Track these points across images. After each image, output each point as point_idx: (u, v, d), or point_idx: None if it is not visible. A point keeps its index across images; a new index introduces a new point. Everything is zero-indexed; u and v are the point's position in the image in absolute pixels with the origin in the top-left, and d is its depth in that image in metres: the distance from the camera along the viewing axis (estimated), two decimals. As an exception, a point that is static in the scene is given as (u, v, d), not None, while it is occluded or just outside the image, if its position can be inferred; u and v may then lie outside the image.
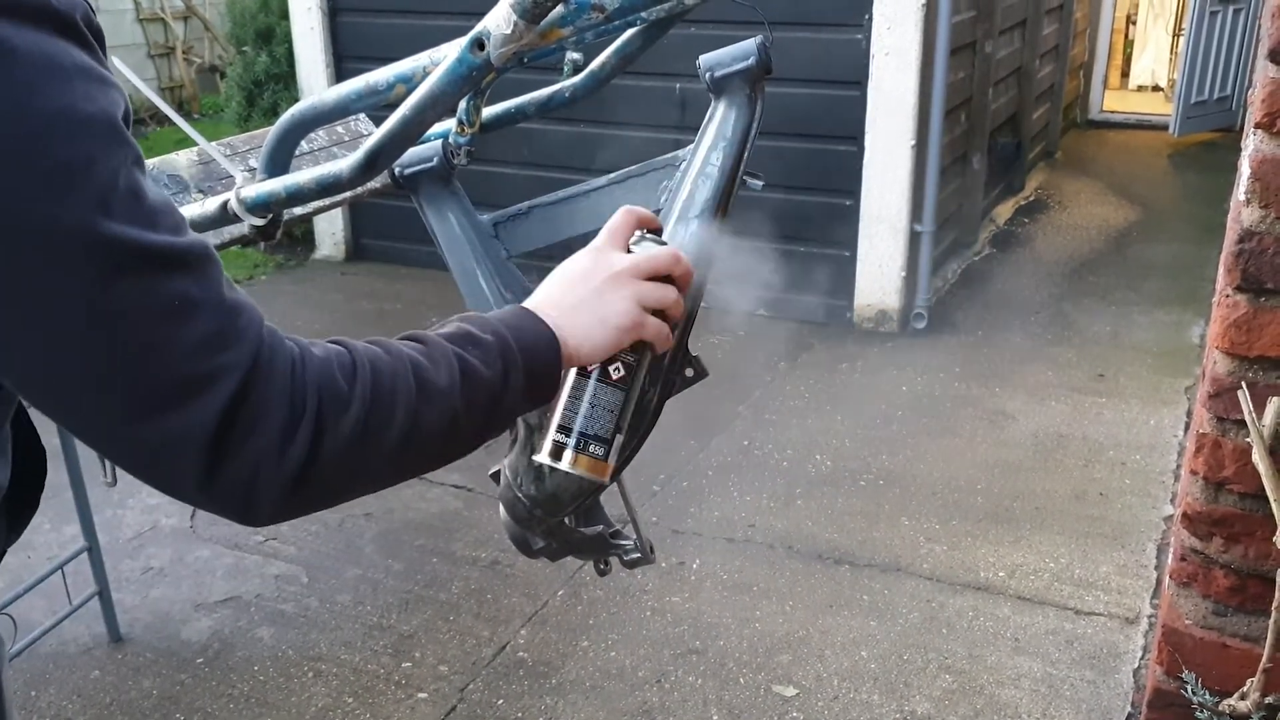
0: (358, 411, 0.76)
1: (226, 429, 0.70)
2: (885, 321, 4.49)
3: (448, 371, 0.83)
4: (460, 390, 0.83)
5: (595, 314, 0.93)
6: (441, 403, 0.82)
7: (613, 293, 0.94)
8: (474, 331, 0.87)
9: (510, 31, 0.92)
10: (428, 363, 0.82)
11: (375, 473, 0.80)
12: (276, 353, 0.74)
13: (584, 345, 0.92)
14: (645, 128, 4.55)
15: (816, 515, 3.15)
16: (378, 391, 0.78)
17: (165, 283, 0.67)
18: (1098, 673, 2.48)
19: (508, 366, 0.86)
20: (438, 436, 0.82)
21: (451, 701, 2.44)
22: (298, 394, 0.74)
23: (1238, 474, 1.29)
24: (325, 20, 5.22)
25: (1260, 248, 1.20)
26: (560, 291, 0.94)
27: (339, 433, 0.75)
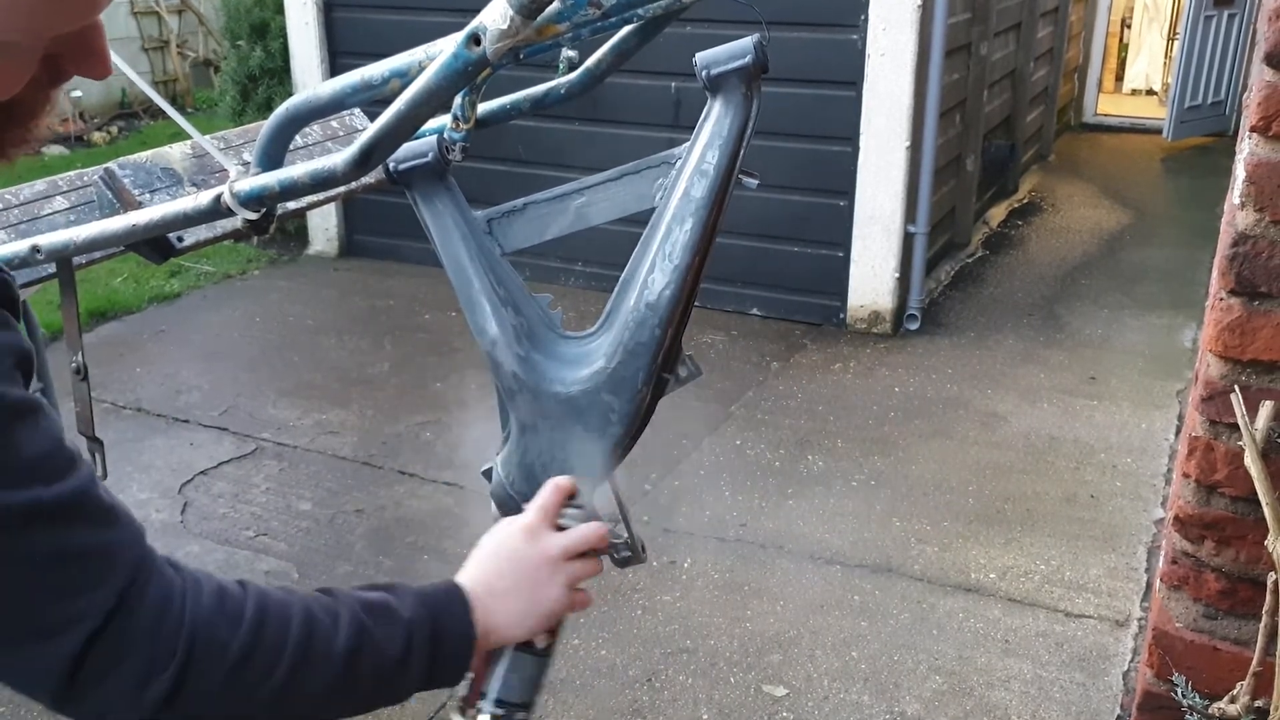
0: (233, 664, 0.77)
1: (79, 669, 0.72)
2: (878, 322, 4.49)
3: (345, 638, 0.83)
4: (352, 661, 0.83)
5: (528, 601, 0.96)
6: (327, 667, 0.82)
7: (547, 580, 0.98)
8: (392, 606, 0.88)
9: (506, 27, 0.91)
10: (327, 621, 0.83)
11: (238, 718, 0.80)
12: (148, 591, 0.75)
13: (511, 630, 0.96)
14: (640, 126, 4.55)
15: (808, 515, 3.15)
16: (260, 646, 0.78)
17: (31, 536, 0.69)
18: (1087, 675, 2.49)
19: (409, 652, 0.87)
20: (312, 699, 0.83)
21: (442, 699, 2.44)
22: (165, 639, 0.74)
23: (1230, 477, 1.29)
24: (320, 15, 5.21)
25: (1254, 252, 1.21)
26: (494, 574, 0.96)
27: (204, 684, 0.76)
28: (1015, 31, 5.98)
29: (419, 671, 0.89)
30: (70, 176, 1.89)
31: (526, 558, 0.98)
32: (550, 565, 0.98)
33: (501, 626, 0.95)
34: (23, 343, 0.71)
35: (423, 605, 0.90)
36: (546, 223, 1.22)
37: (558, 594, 0.98)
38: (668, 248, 1.11)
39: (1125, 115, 8.68)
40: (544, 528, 1.01)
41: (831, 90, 4.33)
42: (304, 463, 3.47)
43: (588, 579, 1.01)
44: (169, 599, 0.75)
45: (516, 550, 0.98)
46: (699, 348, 4.30)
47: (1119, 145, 8.01)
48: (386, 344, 4.38)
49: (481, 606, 0.93)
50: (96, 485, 0.74)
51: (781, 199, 4.43)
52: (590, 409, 1.15)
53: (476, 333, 1.21)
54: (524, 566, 0.97)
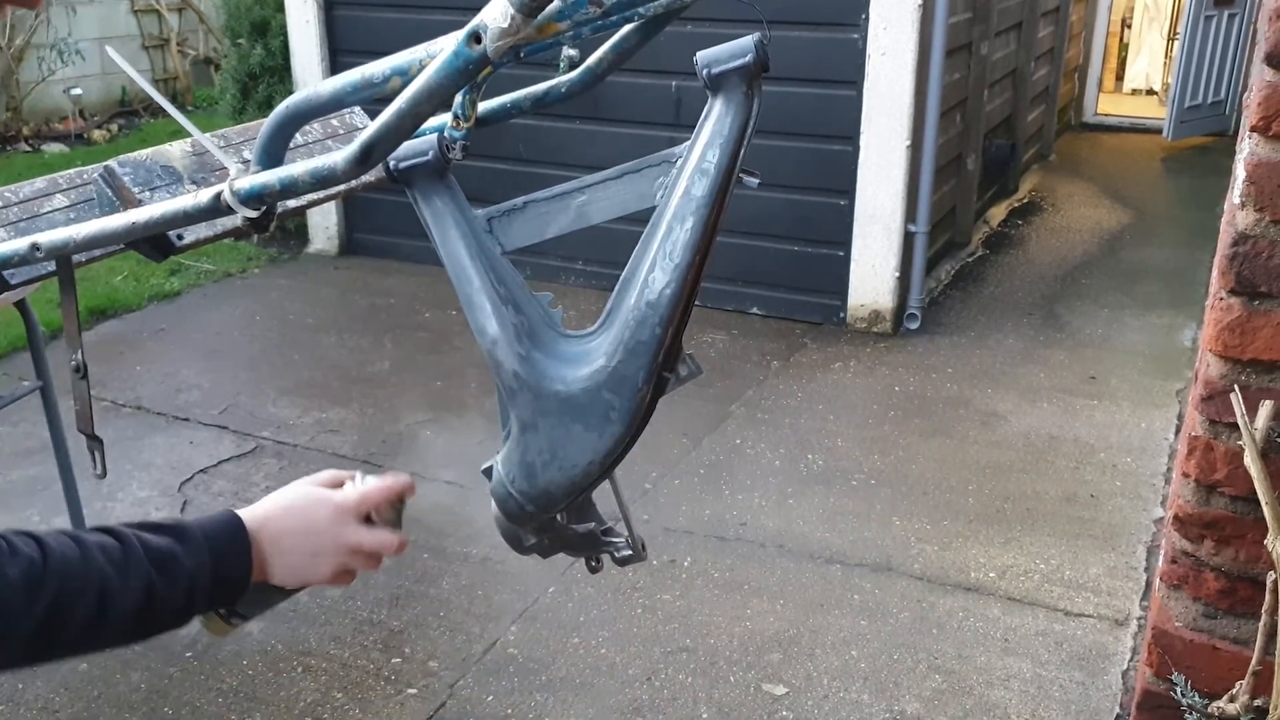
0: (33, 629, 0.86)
1: None
2: (878, 321, 4.49)
3: (135, 597, 0.92)
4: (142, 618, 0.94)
5: (300, 566, 1.03)
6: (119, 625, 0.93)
7: (327, 559, 1.04)
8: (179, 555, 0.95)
9: (507, 25, 0.91)
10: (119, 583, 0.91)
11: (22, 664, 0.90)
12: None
13: (275, 578, 1.03)
14: (641, 124, 4.55)
15: (808, 514, 3.15)
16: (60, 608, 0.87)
17: None
18: (1087, 674, 2.49)
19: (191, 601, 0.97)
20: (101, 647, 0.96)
21: (441, 698, 2.44)
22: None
23: (1229, 477, 1.29)
24: (321, 14, 5.21)
25: (1254, 251, 1.20)
26: (288, 531, 1.02)
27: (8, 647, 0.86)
28: (1016, 31, 5.98)
29: (196, 611, 0.99)
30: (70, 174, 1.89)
31: (324, 534, 1.04)
32: (338, 550, 1.04)
33: (269, 573, 1.02)
34: None
35: (208, 552, 0.97)
36: (547, 221, 1.22)
37: (329, 571, 1.05)
38: (668, 246, 1.11)
39: (1125, 115, 8.68)
40: (354, 516, 1.06)
41: (832, 89, 4.33)
42: (304, 461, 3.47)
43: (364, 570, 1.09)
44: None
45: (319, 523, 1.04)
46: (699, 347, 4.30)
47: (1119, 145, 8.01)
48: (386, 342, 4.38)
49: (260, 553, 1.00)
50: None
51: (782, 198, 4.43)
52: (591, 407, 1.15)
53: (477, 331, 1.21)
54: (317, 540, 1.03)
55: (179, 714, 2.39)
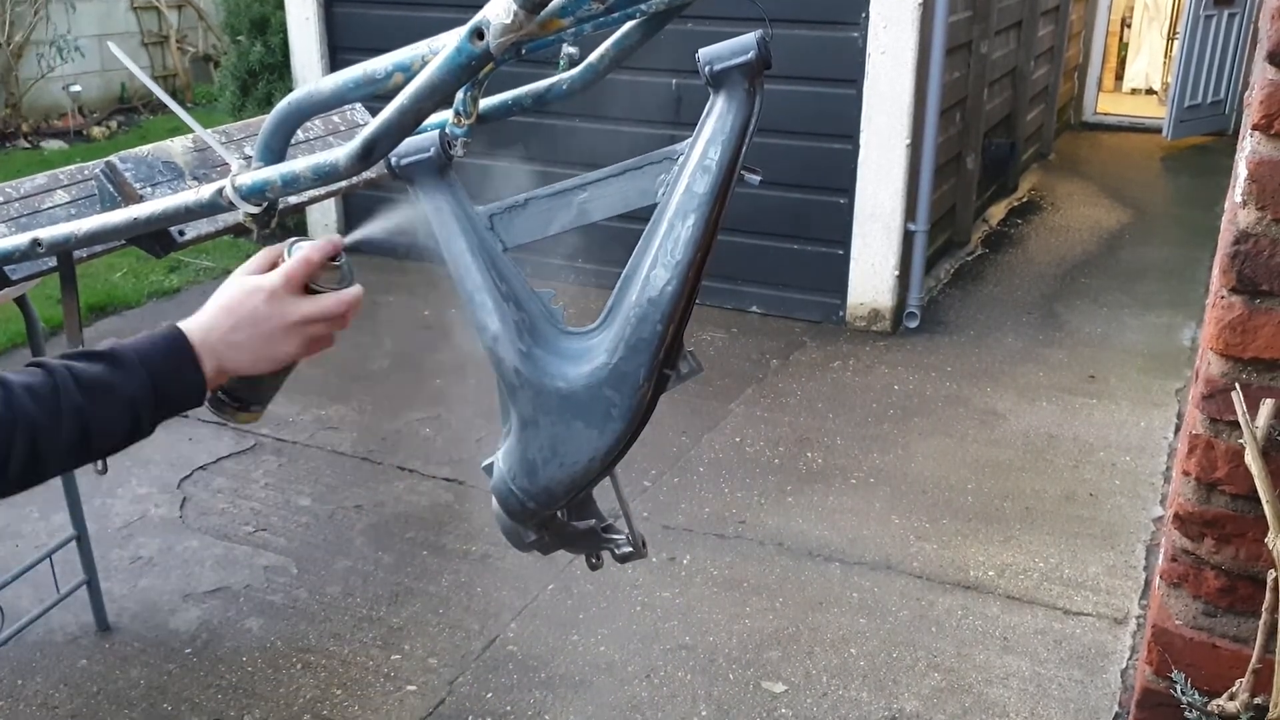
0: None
1: None
2: (878, 320, 4.49)
3: (69, 430, 0.94)
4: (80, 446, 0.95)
5: (260, 354, 1.04)
6: (57, 457, 0.94)
7: (282, 339, 1.05)
8: (114, 383, 0.96)
9: (510, 21, 0.91)
10: (48, 422, 0.93)
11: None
12: None
13: (243, 371, 1.05)
14: (641, 122, 4.54)
15: (807, 512, 3.15)
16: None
17: None
18: (1086, 672, 2.49)
19: (137, 420, 0.98)
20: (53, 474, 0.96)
21: (440, 694, 2.44)
22: None
23: (1230, 475, 1.29)
24: (320, 10, 5.20)
25: (1256, 250, 1.21)
26: (229, 328, 1.03)
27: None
28: (1016, 30, 5.98)
29: (152, 425, 1.00)
30: (71, 170, 1.89)
31: (264, 319, 1.04)
32: (287, 328, 1.05)
33: (233, 369, 1.03)
34: None
35: (146, 373, 0.98)
36: (548, 218, 1.21)
37: (295, 348, 1.06)
38: (670, 244, 1.11)
39: (1125, 114, 8.68)
40: (287, 293, 1.05)
41: (832, 88, 4.33)
42: (303, 458, 3.47)
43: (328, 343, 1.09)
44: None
45: (256, 311, 1.04)
46: (699, 345, 4.31)
47: (1119, 144, 8.02)
48: (386, 339, 4.38)
49: (212, 354, 1.02)
50: None
51: (782, 196, 4.43)
52: (592, 404, 1.15)
53: (478, 328, 1.21)
54: (261, 327, 1.04)
55: (178, 710, 2.39)
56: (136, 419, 0.98)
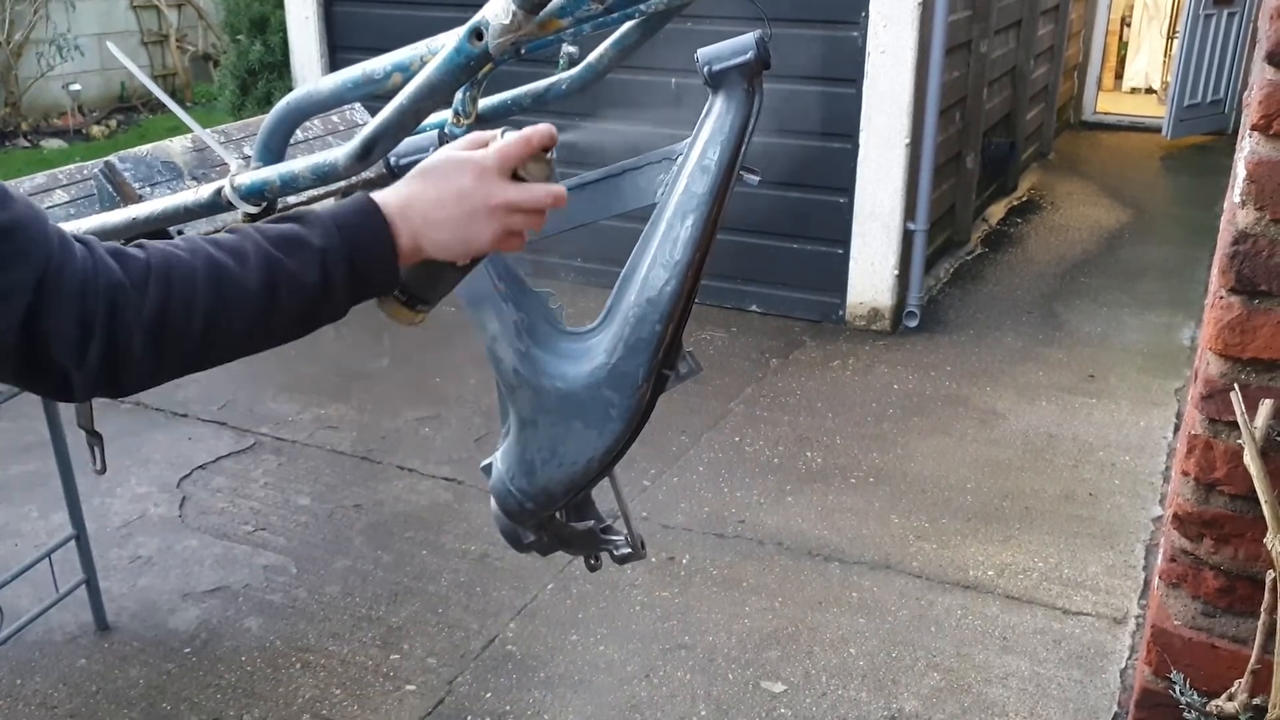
0: (151, 318, 0.83)
1: (27, 342, 0.79)
2: (877, 319, 4.49)
3: (258, 276, 0.87)
4: (268, 296, 0.88)
5: (458, 235, 0.97)
6: (245, 305, 0.87)
7: (483, 222, 0.97)
8: (303, 236, 0.90)
9: (509, 21, 0.91)
10: (235, 265, 0.87)
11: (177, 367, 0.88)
12: (66, 266, 0.80)
13: (435, 254, 0.97)
14: (639, 122, 4.54)
15: (807, 512, 3.15)
16: (172, 295, 0.84)
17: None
18: (1085, 672, 2.49)
19: (328, 278, 0.91)
20: (241, 335, 0.89)
21: (439, 694, 2.44)
22: (88, 307, 0.80)
23: (1229, 476, 1.29)
24: (320, 10, 5.20)
25: (1255, 250, 1.21)
26: (433, 203, 0.96)
27: (132, 341, 0.83)
28: (1015, 29, 5.98)
29: (343, 292, 0.93)
30: (70, 170, 1.89)
31: (469, 195, 0.97)
32: (490, 211, 0.98)
33: (427, 249, 0.96)
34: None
35: (337, 231, 0.92)
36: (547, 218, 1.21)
37: (490, 236, 0.98)
38: (669, 244, 1.11)
39: (1124, 113, 8.68)
40: (496, 173, 0.99)
41: (832, 87, 4.33)
42: (302, 457, 3.47)
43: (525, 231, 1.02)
44: (84, 272, 0.81)
45: (462, 187, 0.97)
46: (698, 344, 4.31)
47: (1118, 143, 8.02)
48: (385, 339, 4.38)
49: (409, 229, 0.95)
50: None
51: (781, 196, 4.42)
52: (591, 404, 1.15)
53: (477, 328, 1.21)
54: (464, 205, 0.97)
55: (177, 709, 2.39)
56: (326, 275, 0.90)
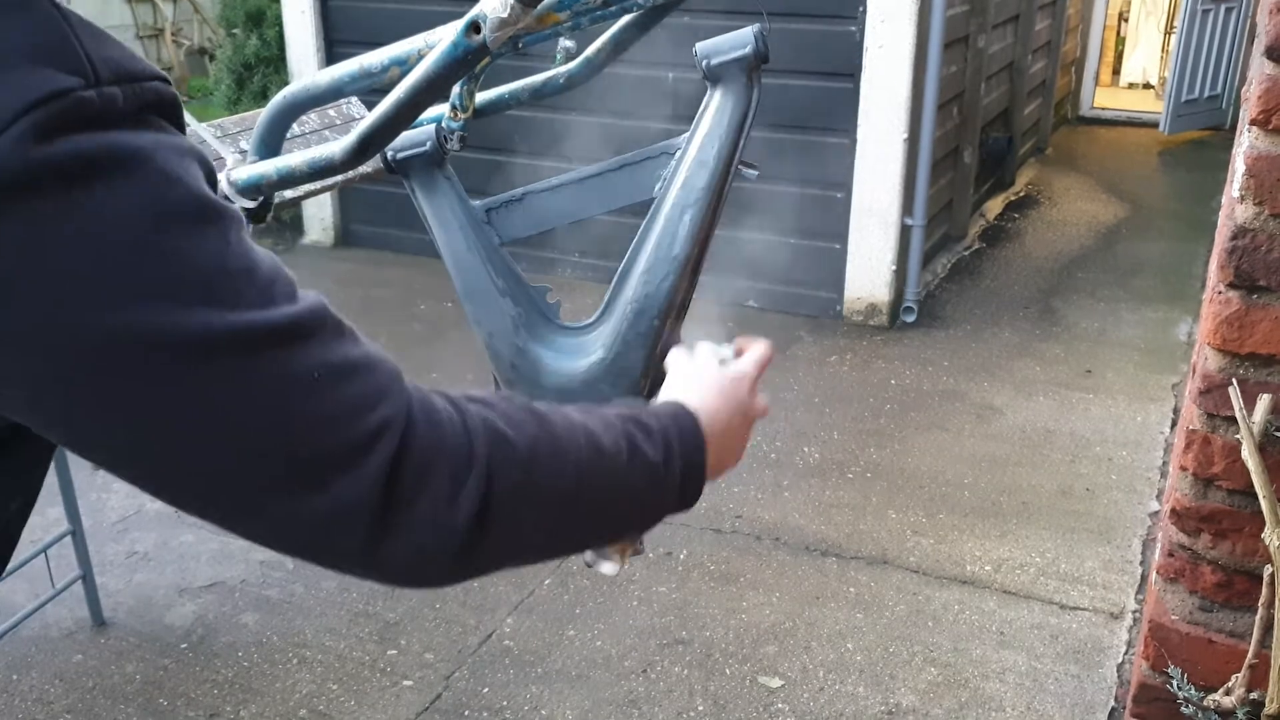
0: (526, 458, 0.72)
1: (393, 485, 0.65)
2: (875, 315, 4.49)
3: (614, 440, 0.78)
4: (626, 459, 0.79)
5: (734, 453, 0.92)
6: (608, 465, 0.77)
7: (743, 435, 0.94)
8: (640, 416, 0.83)
9: (507, 15, 0.91)
10: (598, 427, 0.78)
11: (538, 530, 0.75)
12: (429, 401, 0.70)
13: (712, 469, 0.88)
14: (637, 117, 4.54)
15: (804, 507, 3.15)
16: (546, 443, 0.74)
17: (301, 356, 0.63)
18: (1082, 667, 2.49)
19: (669, 457, 0.82)
20: (601, 503, 0.78)
21: (437, 689, 2.44)
22: (464, 439, 0.69)
23: (1227, 470, 1.29)
24: (316, 3, 5.18)
25: (1253, 245, 1.20)
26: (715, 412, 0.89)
27: (510, 478, 0.70)
28: (1013, 24, 5.97)
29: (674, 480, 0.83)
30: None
31: (745, 409, 0.93)
32: (749, 427, 0.95)
33: (715, 471, 0.88)
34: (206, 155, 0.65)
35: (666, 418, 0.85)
36: (545, 213, 1.21)
37: (741, 453, 0.94)
38: (667, 238, 1.11)
39: (1122, 109, 8.68)
40: (755, 390, 0.96)
41: (829, 82, 4.32)
42: (299, 453, 3.47)
43: None
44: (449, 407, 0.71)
45: (742, 404, 0.93)
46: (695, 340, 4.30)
47: (1116, 139, 8.02)
48: (382, 334, 4.37)
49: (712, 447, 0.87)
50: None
51: (778, 191, 4.42)
52: (589, 399, 1.15)
53: (474, 323, 1.20)
54: (743, 423, 0.93)
55: (174, 705, 2.39)
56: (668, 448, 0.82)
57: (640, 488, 0.81)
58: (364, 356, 0.68)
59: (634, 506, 0.82)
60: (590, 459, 0.76)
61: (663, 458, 0.81)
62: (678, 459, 0.82)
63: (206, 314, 0.59)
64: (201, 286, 0.59)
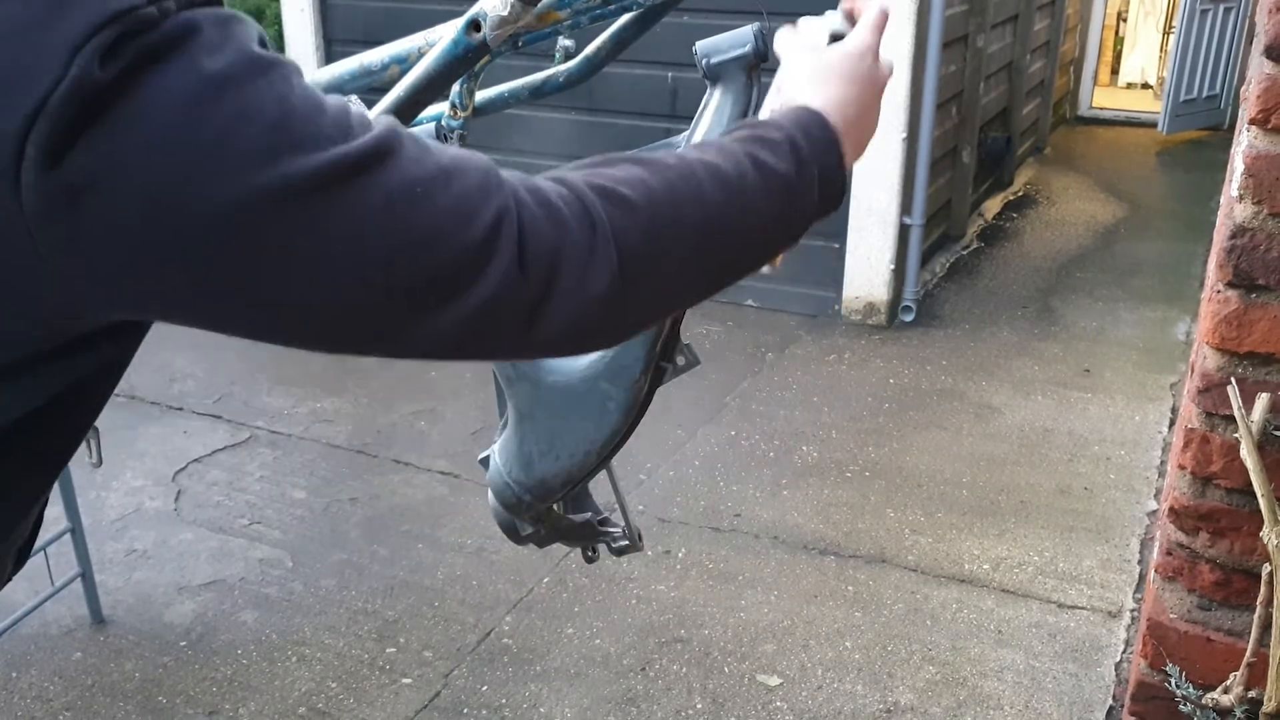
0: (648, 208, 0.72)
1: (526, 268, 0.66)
2: (873, 314, 4.50)
3: (735, 164, 0.77)
4: (752, 179, 0.77)
5: (868, 131, 0.89)
6: (737, 192, 0.76)
7: (876, 109, 0.91)
8: (760, 132, 0.82)
9: (507, 13, 0.91)
10: (714, 156, 0.77)
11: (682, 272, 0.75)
12: (533, 183, 0.70)
13: (851, 156, 0.87)
14: (636, 116, 4.54)
15: (802, 506, 3.15)
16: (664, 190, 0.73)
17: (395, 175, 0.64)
18: (1080, 665, 2.50)
19: (800, 163, 0.80)
20: (739, 230, 0.77)
21: (435, 687, 2.44)
22: (579, 208, 0.69)
23: (1225, 469, 1.29)
24: (316, 2, 5.18)
25: (1252, 244, 1.21)
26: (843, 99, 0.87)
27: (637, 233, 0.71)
28: (1012, 24, 5.97)
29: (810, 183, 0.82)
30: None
31: (870, 81, 0.90)
32: (879, 95, 0.91)
33: (849, 155, 0.87)
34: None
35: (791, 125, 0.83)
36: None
37: (876, 124, 0.92)
38: (667, 236, 1.11)
39: (1120, 109, 8.69)
40: (877, 53, 0.92)
41: (828, 81, 4.32)
42: (298, 451, 3.47)
43: None
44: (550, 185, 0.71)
45: (868, 77, 0.90)
46: (695, 338, 4.28)
47: (1114, 138, 8.02)
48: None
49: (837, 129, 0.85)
50: None
51: (777, 190, 4.41)
52: (588, 397, 1.15)
53: (474, 321, 1.20)
54: (868, 92, 0.90)
55: (173, 703, 2.39)
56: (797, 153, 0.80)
57: (777, 204, 0.79)
58: (453, 160, 0.68)
59: (775, 224, 0.81)
60: (715, 191, 0.75)
61: (795, 168, 0.80)
62: (811, 165, 0.81)
63: (291, 160, 0.61)
64: (278, 135, 0.61)
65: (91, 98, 0.56)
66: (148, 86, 0.58)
